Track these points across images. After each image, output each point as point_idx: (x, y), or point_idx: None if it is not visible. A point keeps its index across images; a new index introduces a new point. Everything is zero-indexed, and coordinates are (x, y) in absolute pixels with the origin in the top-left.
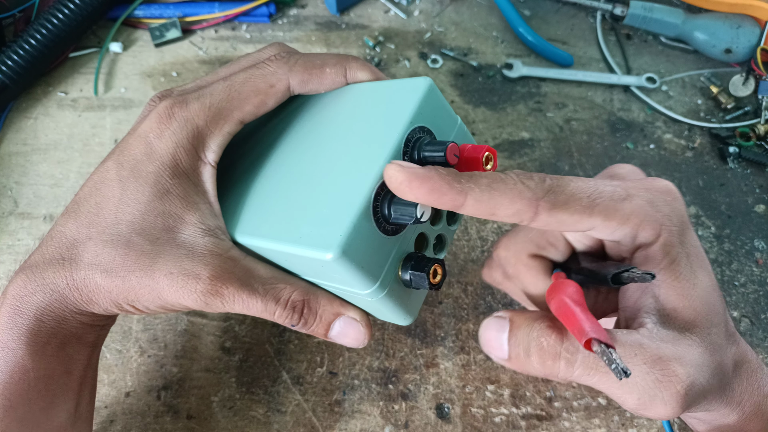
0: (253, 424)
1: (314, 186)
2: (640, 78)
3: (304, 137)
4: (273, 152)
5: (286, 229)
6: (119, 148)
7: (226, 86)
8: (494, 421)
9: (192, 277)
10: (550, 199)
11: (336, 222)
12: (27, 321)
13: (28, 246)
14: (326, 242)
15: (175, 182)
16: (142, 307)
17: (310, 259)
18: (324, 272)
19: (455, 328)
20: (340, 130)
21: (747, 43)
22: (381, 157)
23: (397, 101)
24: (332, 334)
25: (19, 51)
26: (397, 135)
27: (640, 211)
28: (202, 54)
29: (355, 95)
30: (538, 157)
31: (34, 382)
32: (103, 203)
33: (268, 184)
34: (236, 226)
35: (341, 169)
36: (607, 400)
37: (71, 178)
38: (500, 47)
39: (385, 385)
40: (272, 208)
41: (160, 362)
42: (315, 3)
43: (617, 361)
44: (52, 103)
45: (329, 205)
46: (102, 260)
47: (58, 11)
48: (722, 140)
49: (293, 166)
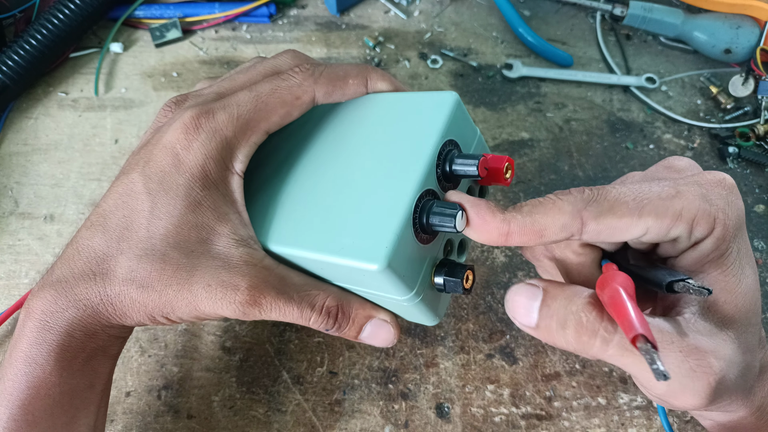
0: (253, 423)
1: (350, 196)
2: (639, 78)
3: (330, 146)
4: (297, 160)
5: (326, 239)
6: (143, 160)
7: (253, 97)
8: (494, 420)
9: (231, 288)
10: (594, 209)
11: (379, 233)
12: (56, 337)
13: (29, 246)
14: (372, 254)
15: (206, 194)
16: (175, 318)
17: (353, 269)
18: (363, 280)
19: (455, 327)
20: (369, 141)
21: (746, 43)
22: (418, 171)
23: (427, 115)
24: (363, 336)
25: (20, 51)
26: (430, 149)
27: (692, 207)
28: (203, 54)
29: (380, 106)
30: (537, 158)
31: (59, 397)
32: (133, 216)
33: (298, 193)
34: (268, 235)
35: (376, 181)
36: (607, 400)
37: (72, 178)
38: (500, 47)
39: (385, 385)
40: (307, 218)
41: (161, 362)
42: (315, 3)
43: (658, 363)
44: (52, 103)
45: (369, 216)
46: (137, 275)
47: (59, 11)
48: (722, 140)
49: (323, 175)
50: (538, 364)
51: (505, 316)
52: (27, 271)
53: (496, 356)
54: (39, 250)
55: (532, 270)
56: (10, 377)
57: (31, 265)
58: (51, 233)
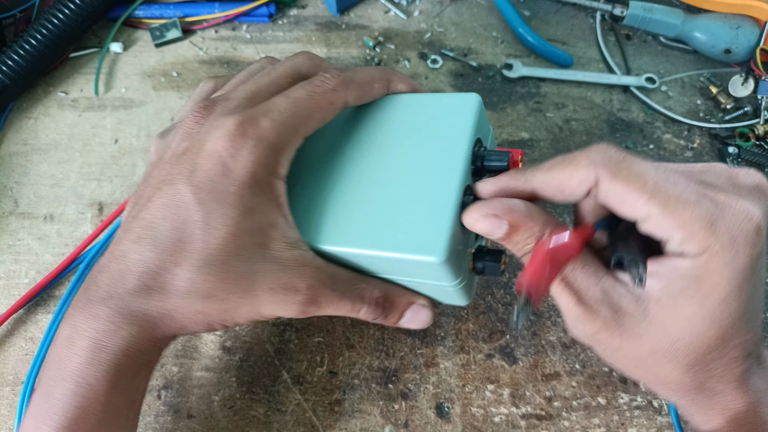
0: (253, 423)
1: (394, 194)
2: (639, 78)
3: (361, 147)
4: (331, 162)
5: (379, 236)
6: (187, 170)
7: (291, 103)
8: (494, 420)
9: (291, 290)
10: (611, 170)
11: (433, 228)
12: (111, 356)
13: (29, 246)
14: (430, 247)
15: (257, 200)
16: (233, 323)
17: (409, 261)
18: (415, 271)
19: (455, 327)
20: (402, 141)
21: (746, 43)
22: (459, 169)
23: (455, 116)
24: (403, 321)
25: (20, 51)
26: (465, 148)
27: (701, 222)
28: (203, 54)
29: (405, 107)
30: (537, 158)
31: (103, 416)
32: (186, 228)
33: (339, 193)
34: (317, 236)
35: (418, 179)
36: (607, 400)
37: (72, 178)
38: (500, 47)
39: (385, 385)
40: (354, 217)
41: (161, 361)
42: (315, 3)
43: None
44: (52, 103)
45: (418, 213)
46: (199, 286)
47: (59, 11)
48: (721, 140)
49: (362, 175)
50: (538, 364)
51: (505, 316)
52: (27, 271)
53: (496, 356)
54: (39, 250)
55: None
56: (58, 396)
57: (31, 264)
58: (51, 233)
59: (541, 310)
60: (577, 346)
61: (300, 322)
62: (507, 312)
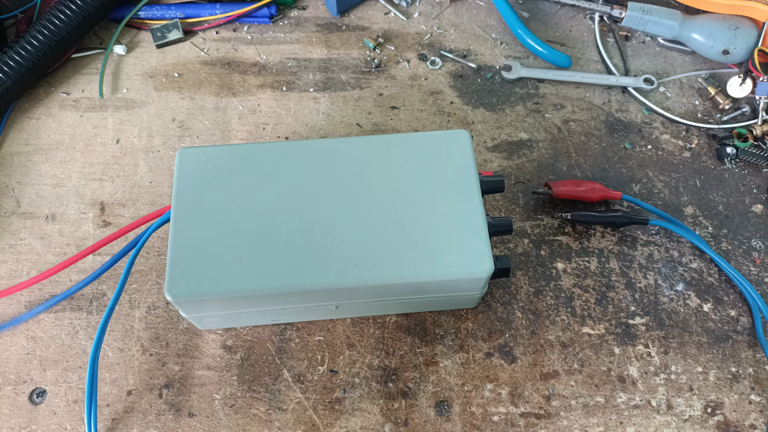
0: (254, 421)
1: (422, 225)
2: (638, 79)
3: (364, 186)
4: (336, 202)
5: (427, 264)
6: None
7: None
8: (493, 419)
9: None
10: None
11: (475, 248)
12: None
13: (31, 245)
14: (480, 264)
15: None
16: None
17: (460, 280)
18: (459, 286)
19: (454, 326)
20: (409, 179)
21: (744, 44)
22: (476, 196)
23: (454, 151)
24: None
25: (21, 52)
26: (474, 177)
27: None
28: (204, 55)
29: (399, 147)
30: (536, 158)
31: None
32: None
33: (359, 231)
34: (360, 274)
35: (441, 210)
36: (605, 399)
37: (73, 178)
38: (499, 49)
39: (385, 383)
40: (392, 251)
41: (162, 360)
42: (315, 4)
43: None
44: (54, 104)
45: (455, 238)
46: None
47: (60, 12)
48: (719, 141)
49: (378, 212)
50: (537, 363)
51: (504, 315)
52: (29, 271)
53: (495, 355)
54: (40, 250)
55: (530, 270)
56: None
57: (33, 264)
58: (52, 233)
59: (541, 310)
60: (576, 345)
61: (301, 322)
62: (506, 312)
